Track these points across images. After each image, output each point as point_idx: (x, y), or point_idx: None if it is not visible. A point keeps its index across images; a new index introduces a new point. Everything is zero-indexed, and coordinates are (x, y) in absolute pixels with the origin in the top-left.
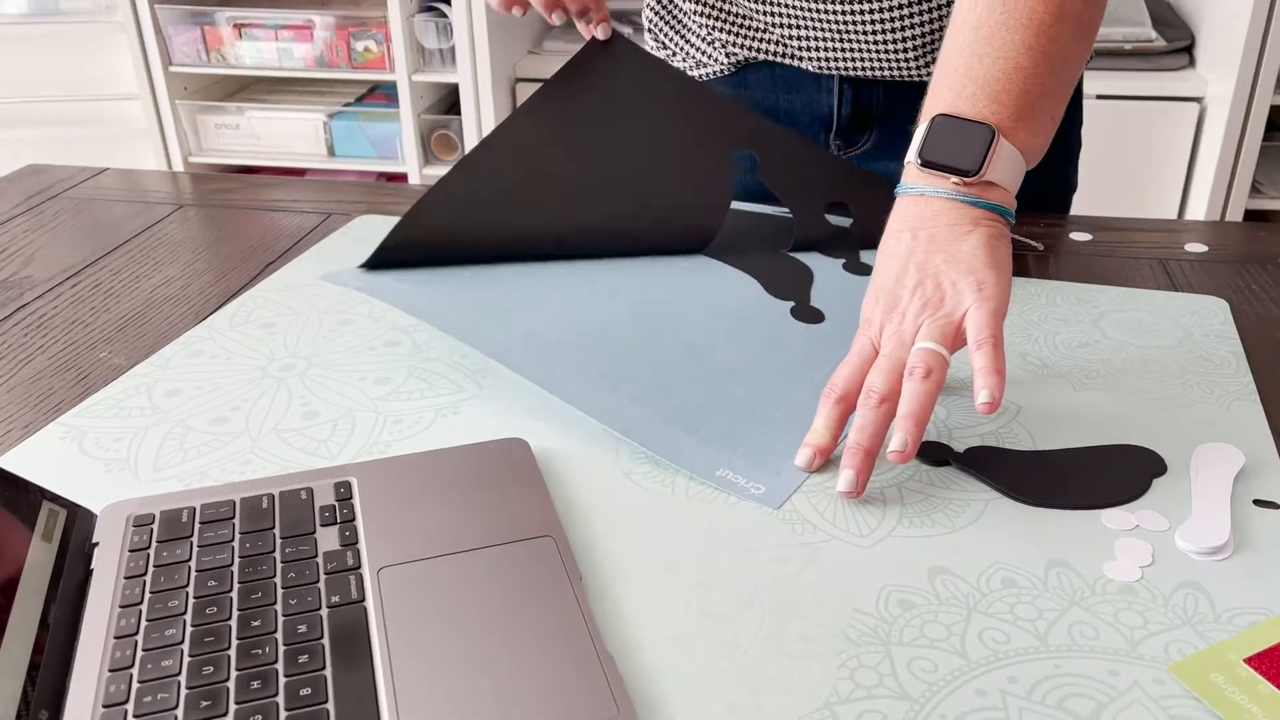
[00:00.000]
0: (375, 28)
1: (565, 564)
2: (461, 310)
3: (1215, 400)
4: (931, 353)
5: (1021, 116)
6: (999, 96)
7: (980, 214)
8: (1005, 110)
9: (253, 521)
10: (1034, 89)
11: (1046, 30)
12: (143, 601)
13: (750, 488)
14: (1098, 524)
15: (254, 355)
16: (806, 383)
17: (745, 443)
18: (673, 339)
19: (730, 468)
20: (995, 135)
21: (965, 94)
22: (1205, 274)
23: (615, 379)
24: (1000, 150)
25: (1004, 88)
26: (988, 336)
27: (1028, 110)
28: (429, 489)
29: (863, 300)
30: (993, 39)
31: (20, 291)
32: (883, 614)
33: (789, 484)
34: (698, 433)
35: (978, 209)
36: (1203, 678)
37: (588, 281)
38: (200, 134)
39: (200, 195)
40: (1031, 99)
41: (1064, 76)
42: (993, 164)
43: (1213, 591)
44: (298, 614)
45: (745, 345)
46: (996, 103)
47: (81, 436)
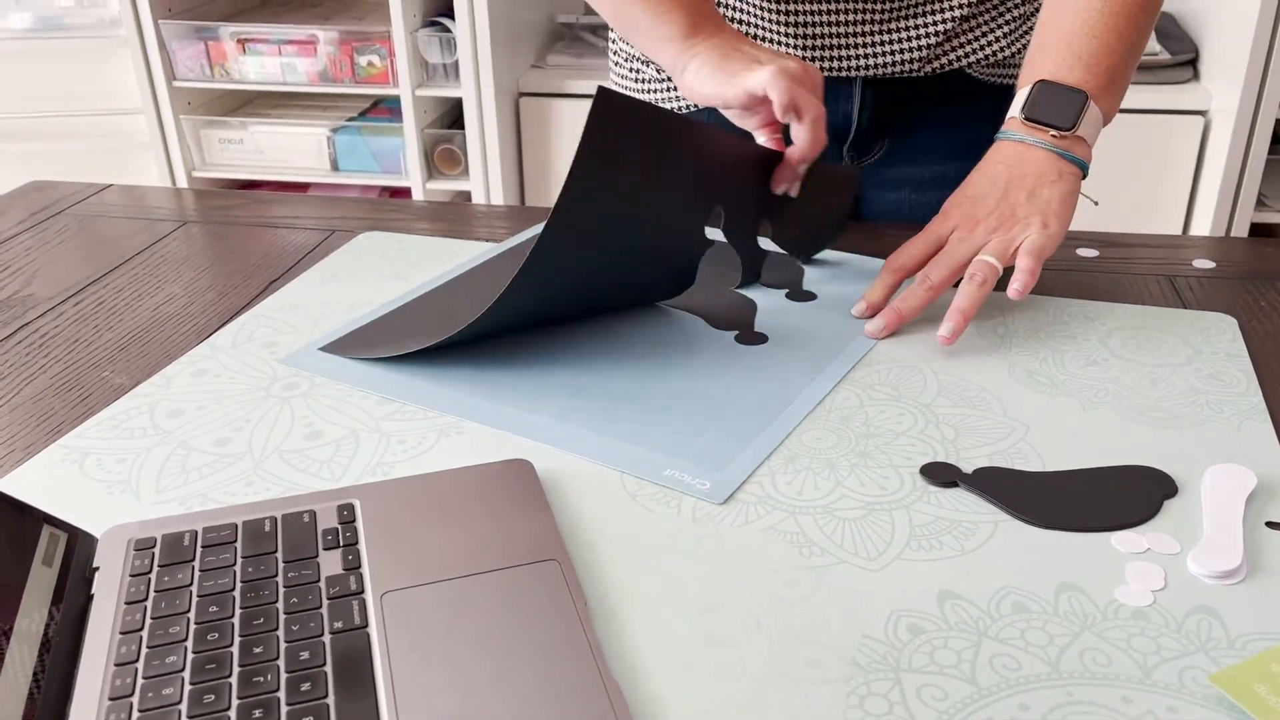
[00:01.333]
0: (379, 42)
1: (570, 588)
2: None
3: (1226, 420)
4: (992, 266)
5: (1107, 86)
6: (1092, 69)
7: (1065, 166)
8: (1096, 80)
9: (255, 545)
10: (1118, 65)
11: (1133, 17)
12: (143, 628)
13: (696, 484)
14: (1108, 547)
15: (257, 375)
16: (750, 393)
17: (691, 447)
18: (619, 373)
19: (677, 468)
20: (1088, 99)
21: (1064, 65)
22: (1213, 290)
23: (560, 413)
24: (1090, 112)
25: (1097, 62)
26: (1031, 263)
27: (1111, 82)
28: (432, 511)
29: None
30: (1090, 21)
31: (23, 310)
32: (892, 639)
33: (735, 479)
34: (644, 443)
35: (1064, 160)
36: (1246, 689)
37: (534, 333)
38: (204, 149)
39: (203, 212)
40: (1116, 73)
41: (1136, 53)
42: (1084, 123)
43: (1226, 616)
44: (300, 640)
45: (690, 369)
46: (1089, 73)
47: (83, 458)
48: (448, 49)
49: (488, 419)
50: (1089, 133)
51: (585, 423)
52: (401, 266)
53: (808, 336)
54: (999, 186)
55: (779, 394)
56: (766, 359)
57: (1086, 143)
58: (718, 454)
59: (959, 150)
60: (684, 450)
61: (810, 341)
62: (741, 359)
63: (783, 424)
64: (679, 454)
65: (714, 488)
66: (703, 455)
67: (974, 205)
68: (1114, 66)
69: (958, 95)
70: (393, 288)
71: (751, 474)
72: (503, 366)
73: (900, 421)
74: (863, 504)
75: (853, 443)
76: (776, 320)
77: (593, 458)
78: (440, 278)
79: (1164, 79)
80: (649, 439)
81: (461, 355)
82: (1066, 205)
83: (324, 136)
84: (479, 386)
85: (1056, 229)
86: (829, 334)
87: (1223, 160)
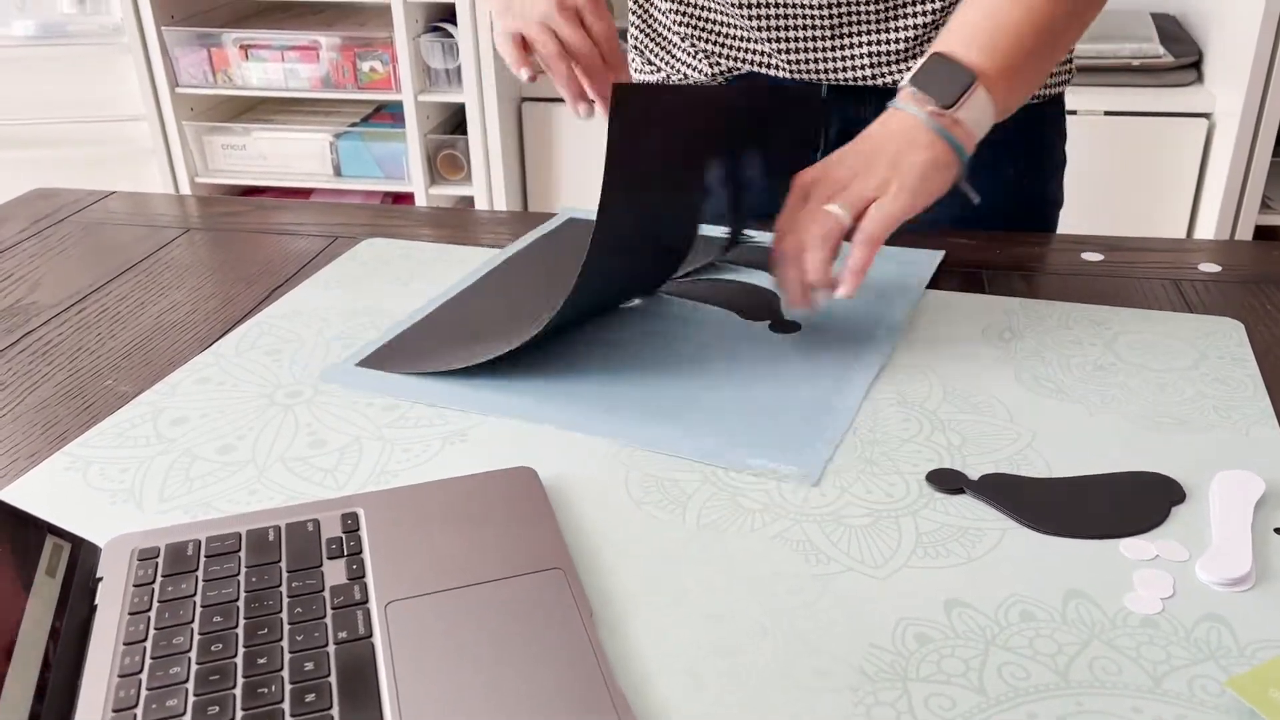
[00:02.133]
0: (381, 48)
1: (575, 597)
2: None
3: (1233, 425)
4: (833, 217)
5: (1004, 75)
6: (990, 52)
7: (937, 140)
8: (992, 65)
9: (259, 554)
10: (1021, 56)
11: (1047, 9)
12: (147, 639)
13: (784, 469)
14: (1116, 554)
15: (260, 382)
16: (804, 379)
17: (765, 435)
18: (672, 371)
19: (761, 456)
20: (975, 81)
21: (964, 40)
22: (1219, 294)
23: (625, 407)
24: (976, 96)
25: (995, 44)
26: (869, 237)
27: (1011, 72)
28: (437, 520)
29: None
30: (1004, 9)
31: (27, 318)
32: (899, 648)
33: (819, 460)
34: (719, 435)
35: (938, 136)
36: (1262, 694)
37: (575, 338)
38: (207, 155)
39: (206, 219)
40: (1018, 63)
41: (1050, 53)
42: (966, 104)
43: (1235, 624)
44: (304, 651)
45: (737, 361)
46: (987, 56)
47: (86, 467)
48: (450, 54)
49: (562, 422)
50: (972, 118)
51: (650, 418)
52: (405, 273)
53: (837, 319)
54: (864, 149)
55: (832, 377)
56: (806, 345)
57: (966, 128)
58: (794, 440)
59: None
60: (759, 437)
61: (840, 323)
62: (781, 348)
63: (845, 406)
64: (754, 442)
65: (802, 471)
66: (779, 443)
67: (837, 164)
68: (1016, 57)
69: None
70: (396, 293)
71: (832, 456)
72: (560, 372)
73: (906, 428)
74: (869, 511)
75: (858, 449)
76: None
77: (676, 453)
78: (456, 285)
79: (1168, 81)
80: (721, 431)
81: (512, 362)
82: (925, 178)
83: (327, 142)
84: (537, 391)
85: (906, 200)
86: (858, 315)
87: (1227, 163)
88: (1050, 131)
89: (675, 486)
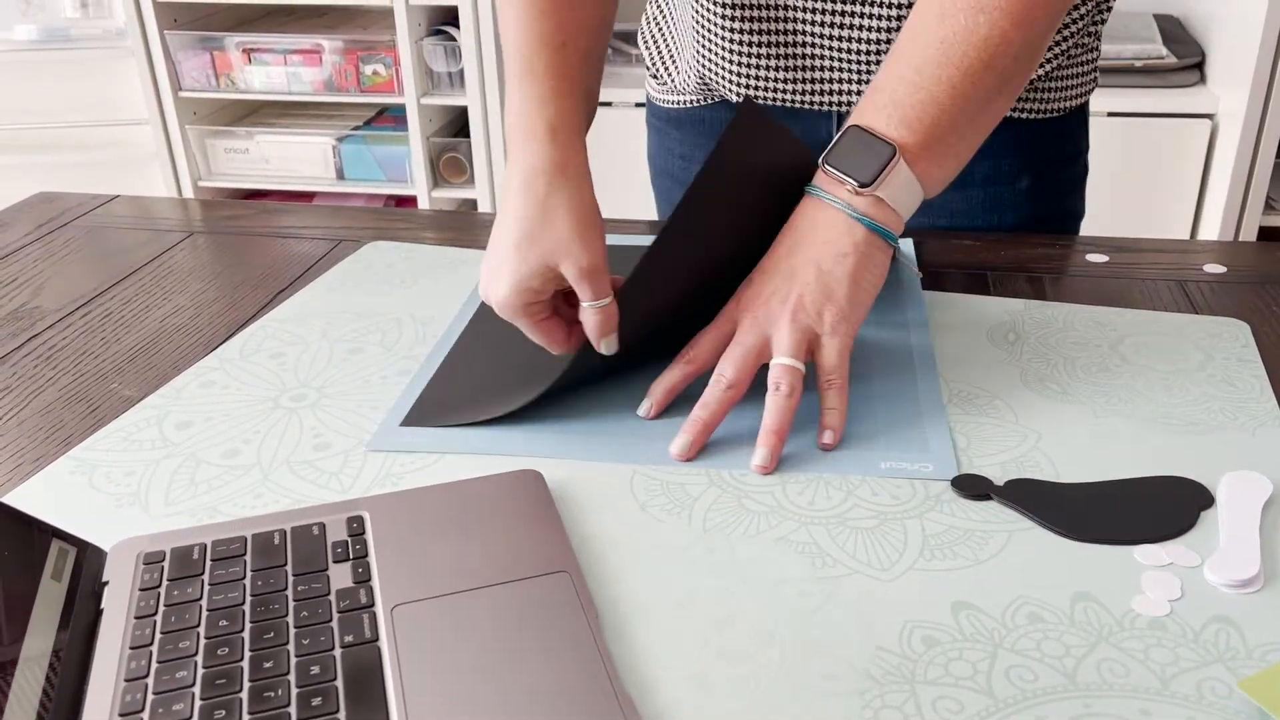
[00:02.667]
0: (384, 51)
1: (581, 601)
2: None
3: (1240, 426)
4: (792, 370)
5: (928, 147)
6: (912, 123)
7: (860, 236)
8: (914, 137)
9: (265, 558)
10: (946, 125)
11: (973, 75)
12: (153, 643)
13: (919, 468)
14: (1123, 556)
15: (265, 386)
16: (873, 377)
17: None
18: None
19: (885, 458)
20: (896, 155)
21: (883, 113)
22: (1224, 295)
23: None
24: (897, 171)
25: (918, 116)
26: (833, 379)
27: (936, 143)
28: (442, 523)
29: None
30: (923, 70)
31: (31, 322)
32: (906, 651)
33: (947, 454)
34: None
35: (860, 227)
36: (1273, 695)
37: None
38: (210, 158)
39: (210, 222)
40: (942, 133)
41: (979, 121)
42: (886, 181)
43: (1244, 626)
44: (311, 655)
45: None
46: (908, 128)
47: (92, 470)
48: (452, 58)
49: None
50: (896, 198)
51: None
52: (409, 276)
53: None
54: (787, 261)
55: (898, 370)
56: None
57: (891, 208)
58: (903, 439)
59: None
60: (875, 441)
61: (873, 317)
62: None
63: (930, 398)
64: (870, 446)
65: (937, 468)
66: (894, 443)
67: (763, 282)
68: (940, 124)
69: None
70: (401, 296)
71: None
72: (610, 411)
73: None
74: (875, 513)
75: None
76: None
77: (806, 471)
78: (466, 305)
79: (1171, 82)
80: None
81: (561, 405)
82: (857, 287)
83: (329, 145)
84: (600, 431)
85: (846, 323)
86: (886, 304)
87: (1231, 163)
88: (1071, 143)
89: (680, 489)
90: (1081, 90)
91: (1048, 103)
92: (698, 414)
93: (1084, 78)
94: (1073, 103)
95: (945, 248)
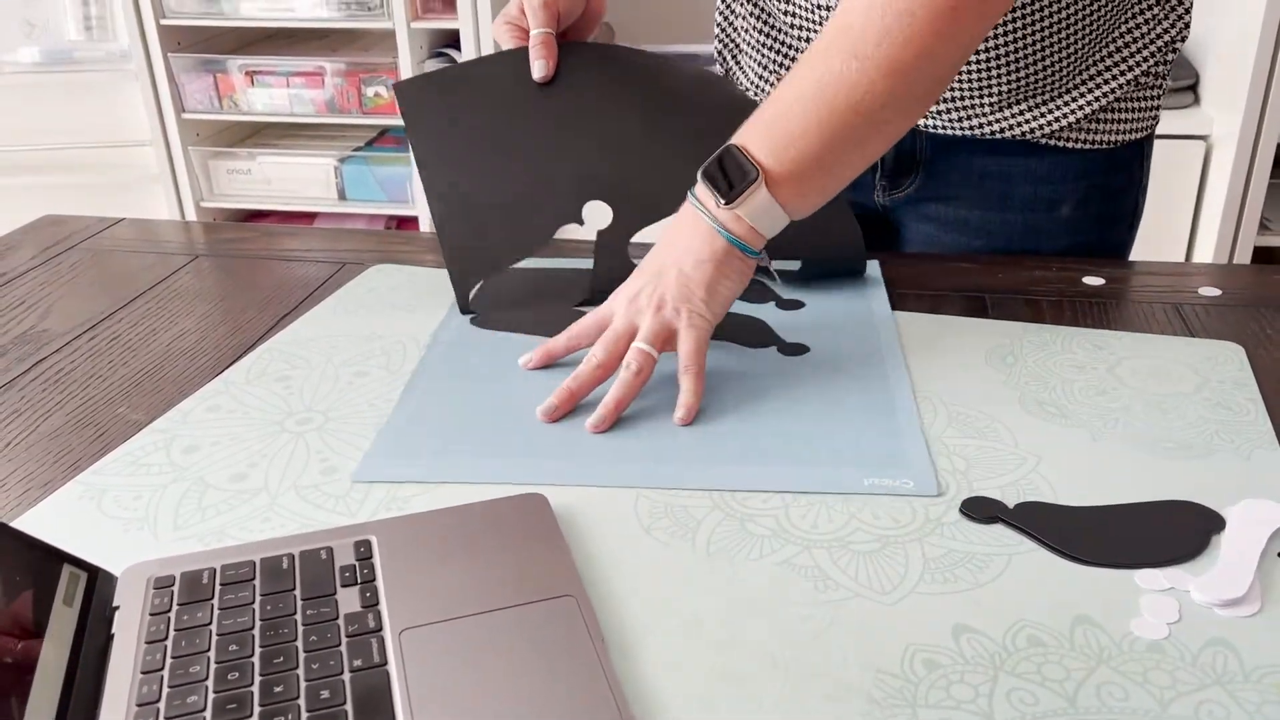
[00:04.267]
0: (386, 74)
1: (587, 625)
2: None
3: (1235, 449)
4: (645, 354)
5: (791, 178)
6: (778, 153)
7: (719, 245)
8: (779, 167)
9: (273, 583)
10: (810, 159)
11: (840, 115)
12: (164, 667)
13: (900, 485)
14: (1122, 579)
15: (271, 410)
16: (847, 395)
17: (857, 455)
18: (714, 406)
19: (869, 475)
20: (758, 180)
21: (758, 137)
22: (1219, 318)
23: (682, 456)
24: (757, 196)
25: (785, 147)
26: (690, 366)
27: (798, 174)
28: (449, 547)
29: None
30: (797, 102)
31: (38, 345)
32: (908, 674)
33: (926, 470)
34: (809, 463)
35: (721, 238)
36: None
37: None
38: (212, 179)
39: (214, 245)
40: (806, 166)
41: (847, 159)
42: (744, 203)
43: (1241, 649)
44: (320, 679)
45: (771, 390)
46: (774, 157)
47: (100, 495)
48: None
49: (655, 481)
50: (757, 218)
51: (733, 459)
52: (412, 299)
53: (835, 335)
54: (657, 260)
55: (873, 389)
56: (826, 363)
57: (749, 224)
58: (883, 455)
59: (989, 200)
60: (853, 458)
61: (842, 337)
62: (802, 370)
63: (907, 414)
64: (850, 463)
65: (918, 484)
66: (872, 460)
67: (638, 278)
68: (805, 158)
69: (999, 145)
70: (404, 320)
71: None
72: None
73: None
74: (876, 536)
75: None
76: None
77: (782, 487)
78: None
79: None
80: (803, 459)
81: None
82: (717, 287)
83: (331, 166)
84: (585, 455)
85: (702, 320)
86: (853, 325)
87: (1225, 184)
88: (1123, 175)
89: (684, 512)
90: (1139, 127)
91: (1100, 134)
92: (568, 385)
93: (1144, 114)
94: (1127, 137)
95: (943, 270)
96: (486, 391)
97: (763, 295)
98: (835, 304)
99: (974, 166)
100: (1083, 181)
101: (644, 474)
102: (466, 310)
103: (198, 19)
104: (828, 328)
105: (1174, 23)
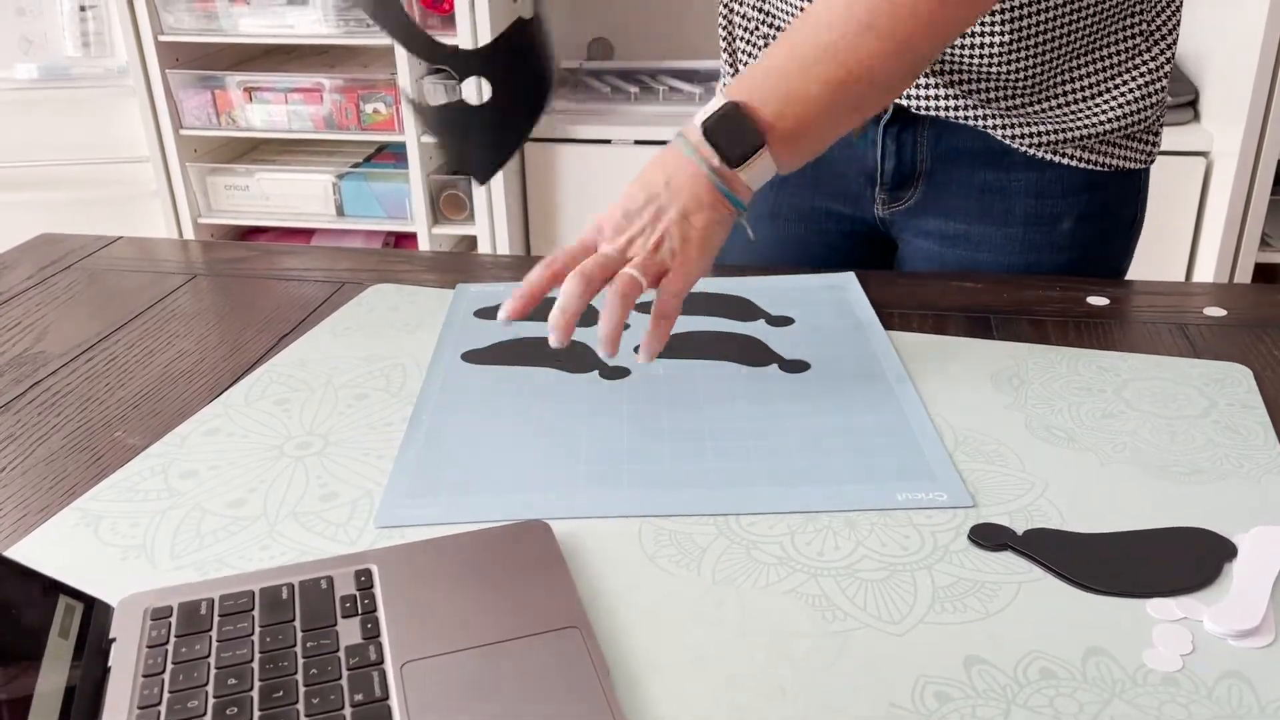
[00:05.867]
0: (384, 90)
1: (592, 657)
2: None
3: (1245, 474)
4: (634, 280)
5: (790, 139)
6: (784, 114)
7: (718, 198)
8: (782, 125)
9: (273, 613)
10: (812, 122)
11: (850, 80)
12: (161, 702)
13: (934, 497)
14: (1135, 608)
15: (270, 434)
16: (865, 411)
17: (881, 470)
18: (723, 428)
19: (900, 490)
20: (764, 147)
21: (763, 96)
22: (1225, 339)
23: (699, 482)
24: (760, 160)
25: (792, 110)
26: (665, 310)
27: (799, 136)
28: (450, 577)
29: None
30: (808, 60)
31: (35, 368)
32: (919, 707)
33: (956, 483)
34: (830, 482)
35: (718, 192)
36: None
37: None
38: (210, 195)
39: (212, 264)
40: (806, 128)
41: (841, 121)
42: (750, 167)
43: (1256, 682)
44: (320, 714)
45: (785, 408)
46: (780, 118)
47: (97, 522)
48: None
49: (681, 508)
50: (752, 177)
51: (779, 480)
52: (412, 319)
53: (833, 349)
54: (655, 204)
55: (883, 403)
56: (830, 379)
57: (745, 183)
58: (911, 470)
59: (989, 214)
60: (884, 474)
61: (840, 351)
62: (808, 388)
63: (922, 427)
64: (885, 479)
65: (951, 496)
66: (903, 474)
67: (628, 221)
68: (806, 120)
69: (1001, 158)
70: (404, 341)
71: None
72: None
73: None
74: (884, 564)
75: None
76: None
77: (816, 507)
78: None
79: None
80: (833, 476)
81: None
82: (709, 237)
83: (329, 183)
84: (603, 483)
85: (694, 264)
86: (846, 339)
87: (1225, 201)
88: (1125, 198)
89: (689, 540)
90: (1138, 159)
91: (1110, 157)
92: (561, 304)
93: (1148, 145)
94: (1128, 165)
95: (947, 290)
96: (494, 421)
97: (752, 313)
98: (823, 318)
99: (975, 179)
100: (1083, 197)
101: (673, 501)
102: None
103: (196, 35)
104: (823, 343)
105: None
